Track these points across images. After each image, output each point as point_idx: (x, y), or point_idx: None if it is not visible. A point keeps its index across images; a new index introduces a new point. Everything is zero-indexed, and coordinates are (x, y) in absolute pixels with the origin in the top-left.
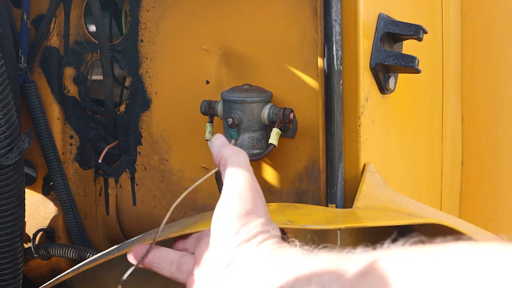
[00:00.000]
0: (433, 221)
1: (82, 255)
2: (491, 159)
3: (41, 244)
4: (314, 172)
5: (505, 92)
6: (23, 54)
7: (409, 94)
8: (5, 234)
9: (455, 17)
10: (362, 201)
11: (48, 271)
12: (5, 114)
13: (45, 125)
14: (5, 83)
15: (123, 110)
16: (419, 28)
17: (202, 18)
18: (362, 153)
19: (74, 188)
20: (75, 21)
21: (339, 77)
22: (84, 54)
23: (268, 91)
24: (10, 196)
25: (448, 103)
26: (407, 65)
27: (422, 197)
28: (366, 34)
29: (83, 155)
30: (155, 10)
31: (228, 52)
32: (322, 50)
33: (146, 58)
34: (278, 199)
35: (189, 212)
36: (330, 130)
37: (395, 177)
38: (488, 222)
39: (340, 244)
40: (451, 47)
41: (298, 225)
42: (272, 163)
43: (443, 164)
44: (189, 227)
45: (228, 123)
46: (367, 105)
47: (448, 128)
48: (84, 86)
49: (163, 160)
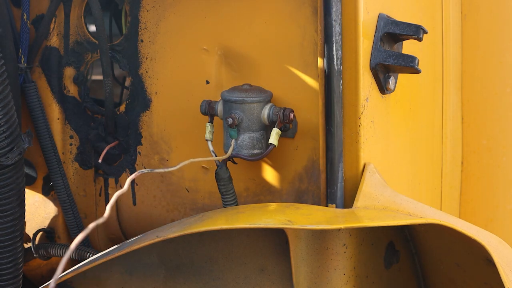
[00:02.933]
0: (433, 221)
1: (82, 255)
2: (491, 159)
3: (41, 244)
4: (314, 172)
5: (505, 92)
6: (23, 54)
7: (409, 94)
8: (5, 234)
9: (455, 17)
10: (362, 201)
11: (48, 271)
12: (5, 114)
13: (45, 125)
14: (5, 83)
15: (123, 110)
16: (419, 28)
17: (202, 18)
18: (362, 153)
19: (74, 188)
20: (75, 21)
21: (339, 77)
22: (84, 54)
23: (268, 91)
24: (10, 196)
25: (448, 103)
26: (407, 65)
27: (422, 197)
28: (366, 34)
29: (83, 155)
30: (155, 10)
31: (228, 52)
32: (322, 50)
33: (146, 58)
34: (278, 199)
35: (189, 212)
36: (330, 130)
37: (395, 177)
38: (488, 222)
39: (340, 244)
40: (451, 47)
41: (298, 225)
42: (272, 163)
43: (443, 164)
44: (189, 227)
45: (228, 123)
46: (367, 105)
47: (448, 128)
48: (84, 86)
49: (163, 160)
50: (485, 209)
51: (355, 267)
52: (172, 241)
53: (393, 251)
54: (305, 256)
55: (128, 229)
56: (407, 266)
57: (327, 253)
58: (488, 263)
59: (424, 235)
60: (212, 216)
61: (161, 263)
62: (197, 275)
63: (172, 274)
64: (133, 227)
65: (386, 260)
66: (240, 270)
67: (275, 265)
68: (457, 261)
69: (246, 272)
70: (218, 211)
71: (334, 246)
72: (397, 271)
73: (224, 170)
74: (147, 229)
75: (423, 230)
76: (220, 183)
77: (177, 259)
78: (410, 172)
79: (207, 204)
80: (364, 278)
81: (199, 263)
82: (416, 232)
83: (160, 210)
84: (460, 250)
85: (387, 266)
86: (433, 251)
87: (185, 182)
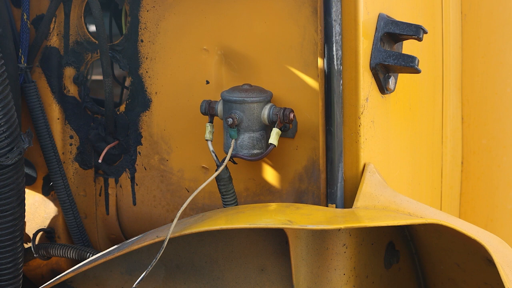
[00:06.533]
0: (433, 221)
1: (82, 255)
2: (491, 159)
3: (41, 244)
4: (314, 172)
5: (505, 92)
6: (23, 54)
7: (409, 94)
8: (5, 234)
9: (455, 17)
10: (362, 201)
11: (48, 271)
12: (5, 114)
13: (45, 125)
14: (5, 83)
15: (123, 110)
16: (419, 28)
17: (202, 18)
18: (362, 153)
19: (74, 188)
20: (75, 21)
21: (339, 77)
22: (84, 54)
23: (268, 91)
24: (10, 196)
25: (448, 103)
26: (407, 65)
27: (422, 197)
28: (366, 34)
29: (83, 155)
30: (155, 10)
31: (228, 52)
32: (322, 50)
33: (146, 58)
34: (278, 199)
35: (189, 212)
36: (330, 130)
37: (395, 177)
38: (488, 222)
39: (340, 244)
40: (451, 47)
41: (298, 225)
42: (272, 163)
43: (443, 164)
44: (189, 227)
45: (228, 123)
46: (367, 105)
47: (448, 128)
48: (84, 86)
49: (163, 160)
50: (485, 209)
51: (355, 267)
52: (172, 241)
53: (393, 251)
54: (305, 256)
55: (128, 229)
56: (407, 266)
57: (327, 253)
58: (488, 263)
59: (424, 235)
60: (212, 216)
61: (161, 263)
62: (197, 275)
63: (172, 274)
64: (133, 227)
65: (386, 260)
66: (240, 270)
67: (275, 265)
68: (457, 261)
69: (246, 272)
70: (218, 211)
71: (334, 246)
72: (397, 271)
73: (224, 170)
74: (147, 229)
75: (423, 230)
76: (220, 183)
77: (177, 259)
78: (410, 172)
79: (207, 204)
80: (364, 278)
81: (199, 263)
82: (416, 232)
83: (160, 210)
84: (460, 250)
85: (387, 266)
86: (433, 251)
87: (185, 182)
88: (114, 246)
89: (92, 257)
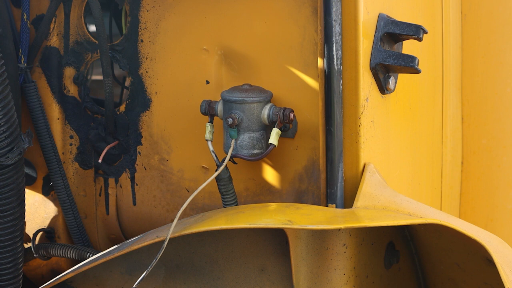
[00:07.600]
0: (433, 221)
1: (82, 255)
2: (491, 159)
3: (41, 244)
4: (314, 172)
5: (505, 92)
6: (23, 54)
7: (409, 94)
8: (5, 234)
9: (455, 17)
10: (362, 201)
11: (48, 271)
12: (5, 114)
13: (45, 125)
14: (5, 83)
15: (123, 110)
16: (419, 28)
17: (202, 18)
18: (362, 153)
19: (74, 188)
20: (75, 21)
21: (339, 77)
22: (84, 54)
23: (268, 91)
24: (10, 196)
25: (448, 103)
26: (407, 65)
27: (422, 197)
28: (366, 34)
29: (83, 155)
30: (155, 10)
31: (228, 52)
32: (322, 50)
33: (146, 58)
34: (278, 199)
35: (189, 212)
36: (330, 130)
37: (395, 177)
38: (488, 222)
39: (340, 244)
40: (451, 47)
41: (298, 225)
42: (272, 163)
43: (443, 164)
44: (189, 227)
45: (228, 123)
46: (367, 105)
47: (448, 128)
48: (84, 86)
49: (163, 160)
50: (485, 209)
51: (355, 267)
52: (172, 241)
53: (393, 251)
54: (305, 256)
55: (128, 229)
56: (407, 266)
57: (327, 253)
58: (488, 263)
59: (424, 235)
60: (212, 216)
61: (161, 263)
62: (197, 275)
63: (172, 274)
64: (133, 227)
65: (386, 260)
66: (240, 270)
67: (275, 265)
68: (457, 261)
69: (246, 272)
70: (218, 211)
71: (334, 246)
72: (397, 271)
73: (224, 170)
74: (147, 229)
75: (423, 230)
76: (220, 183)
77: (177, 259)
78: (410, 172)
79: (207, 204)
80: (364, 278)
81: (199, 263)
82: (416, 232)
83: (160, 210)
84: (460, 250)
85: (387, 266)
86: (433, 251)
87: (185, 182)
88: (114, 246)
89: (92, 257)
